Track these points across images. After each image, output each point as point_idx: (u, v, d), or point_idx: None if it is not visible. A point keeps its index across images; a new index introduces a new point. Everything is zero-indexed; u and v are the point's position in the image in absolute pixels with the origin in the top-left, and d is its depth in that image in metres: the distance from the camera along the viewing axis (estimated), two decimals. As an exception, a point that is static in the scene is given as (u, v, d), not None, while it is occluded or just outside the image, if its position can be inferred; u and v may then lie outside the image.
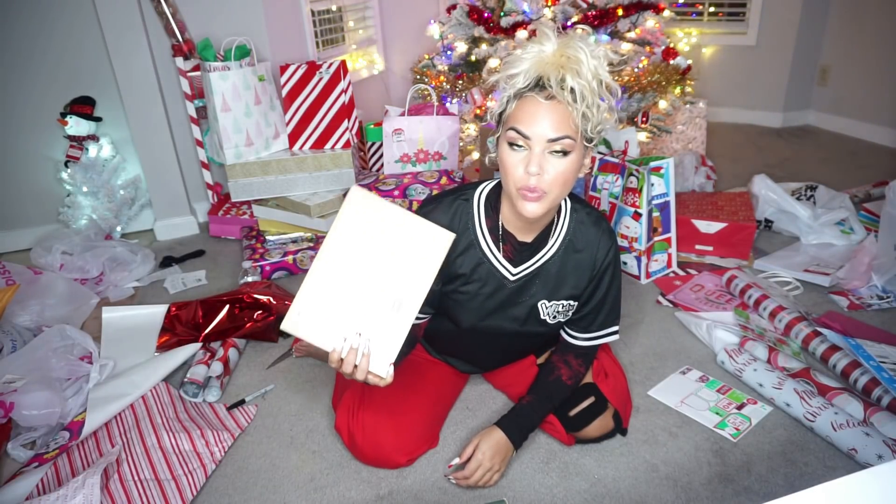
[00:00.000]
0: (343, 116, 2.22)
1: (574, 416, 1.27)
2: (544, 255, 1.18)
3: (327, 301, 1.01)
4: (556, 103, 0.98)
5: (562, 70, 0.97)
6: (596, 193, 2.01)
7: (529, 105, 0.99)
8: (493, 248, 1.17)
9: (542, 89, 0.99)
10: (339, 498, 1.23)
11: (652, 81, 2.37)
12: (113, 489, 1.22)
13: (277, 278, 2.12)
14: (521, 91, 1.00)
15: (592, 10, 2.37)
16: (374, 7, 3.32)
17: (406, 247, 1.01)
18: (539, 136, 0.99)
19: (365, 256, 1.01)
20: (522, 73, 0.99)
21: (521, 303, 1.21)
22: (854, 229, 2.07)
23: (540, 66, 0.98)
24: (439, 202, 1.18)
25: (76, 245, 2.16)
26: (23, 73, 2.29)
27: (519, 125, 1.00)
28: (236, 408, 1.50)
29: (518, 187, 1.03)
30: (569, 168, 1.02)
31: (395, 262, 1.01)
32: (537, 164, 1.00)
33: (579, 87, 0.97)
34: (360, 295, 1.01)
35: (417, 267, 1.01)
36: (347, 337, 1.01)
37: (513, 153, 1.02)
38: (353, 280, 1.01)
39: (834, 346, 1.50)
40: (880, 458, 1.18)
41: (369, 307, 1.01)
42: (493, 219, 1.17)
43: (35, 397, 1.41)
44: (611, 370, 1.34)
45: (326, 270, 1.01)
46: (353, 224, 1.01)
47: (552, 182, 1.02)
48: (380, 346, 1.02)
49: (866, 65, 3.29)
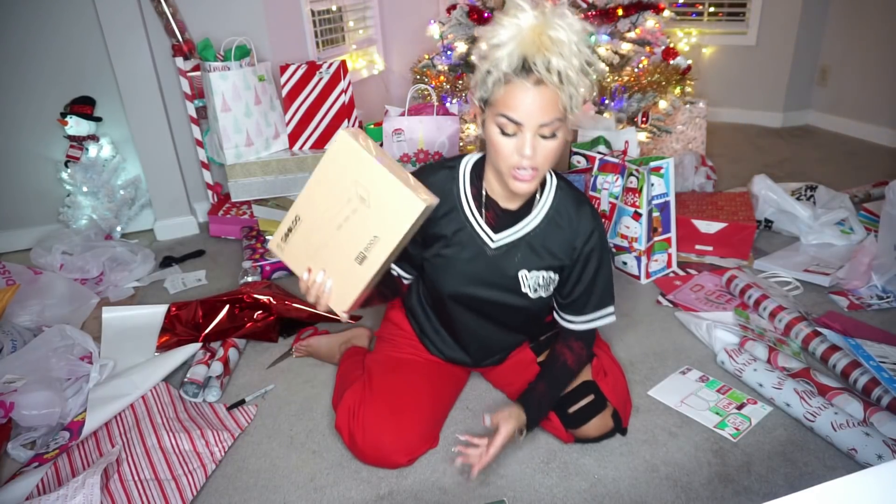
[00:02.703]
0: (343, 116, 2.22)
1: (573, 413, 1.27)
2: (527, 225, 1.21)
3: (303, 233, 1.07)
4: (544, 87, 1.00)
5: (546, 53, 0.97)
6: (596, 193, 2.01)
7: (518, 91, 1.00)
8: (475, 213, 1.20)
9: (529, 73, 0.99)
10: (339, 498, 1.23)
11: (652, 81, 2.37)
12: (113, 489, 1.22)
13: (277, 278, 2.12)
14: (507, 76, 1.01)
15: (592, 10, 2.37)
16: (374, 7, 3.32)
17: (377, 204, 1.01)
18: (530, 121, 1.01)
19: (339, 201, 1.03)
20: (506, 55, 0.99)
21: (502, 271, 1.22)
22: (854, 229, 2.08)
23: (523, 46, 0.98)
24: (426, 168, 1.23)
25: (76, 245, 2.16)
26: (23, 74, 2.29)
27: (510, 112, 1.01)
28: (236, 408, 1.50)
29: (511, 167, 1.06)
30: (558, 146, 1.06)
31: (365, 215, 1.02)
32: (531, 147, 1.03)
33: (564, 69, 0.98)
34: (330, 236, 1.05)
35: (385, 227, 1.02)
36: (313, 271, 1.08)
37: (504, 138, 1.05)
38: (326, 220, 1.05)
39: (834, 346, 1.50)
40: (880, 458, 1.18)
41: (336, 251, 1.06)
42: (477, 186, 1.20)
43: (35, 397, 1.42)
44: (610, 369, 1.34)
45: (305, 205, 1.06)
46: (334, 167, 1.02)
47: (543, 161, 1.06)
48: (339, 290, 1.08)
49: (866, 65, 3.29)
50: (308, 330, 1.78)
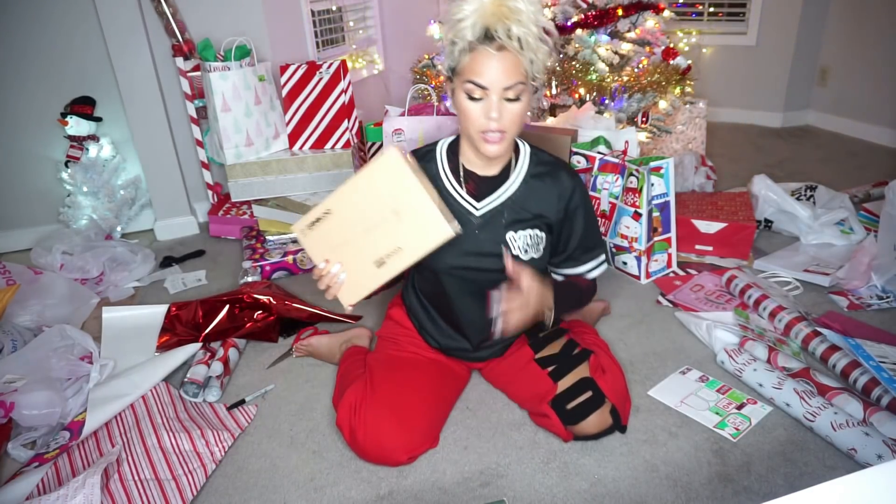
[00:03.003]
0: (343, 116, 2.22)
1: (571, 409, 1.27)
2: (507, 189, 1.27)
3: (331, 226, 1.14)
4: (507, 53, 1.08)
5: (506, 21, 1.06)
6: (596, 193, 2.01)
7: (482, 57, 1.09)
8: (455, 186, 1.28)
9: (491, 41, 1.08)
10: (339, 498, 1.23)
11: (652, 81, 2.37)
12: (113, 489, 1.23)
13: (277, 278, 2.12)
14: (471, 44, 1.09)
15: (592, 10, 2.37)
16: (374, 7, 3.32)
17: (409, 221, 1.10)
18: (496, 85, 1.10)
19: (373, 208, 1.11)
20: (469, 25, 1.08)
21: (491, 238, 1.27)
22: (854, 229, 2.08)
23: (485, 17, 1.07)
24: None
25: (76, 245, 2.16)
26: (23, 73, 2.29)
27: (475, 77, 1.10)
28: (236, 408, 1.50)
29: (480, 132, 1.14)
30: (523, 109, 1.15)
31: (394, 227, 1.11)
32: (497, 109, 1.11)
33: (524, 35, 1.07)
34: (356, 236, 1.13)
35: (410, 242, 1.12)
36: (331, 262, 1.16)
37: (472, 103, 1.13)
38: (356, 221, 1.12)
39: (834, 346, 1.50)
40: (880, 458, 1.18)
41: (358, 251, 1.14)
42: (454, 161, 1.29)
43: (35, 397, 1.42)
44: (608, 367, 1.35)
45: (339, 202, 1.12)
46: (378, 176, 1.10)
47: (510, 123, 1.14)
48: (351, 285, 1.17)
49: (866, 65, 3.29)
50: (308, 330, 1.78)
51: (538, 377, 1.34)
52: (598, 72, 2.30)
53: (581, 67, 2.33)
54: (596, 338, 1.54)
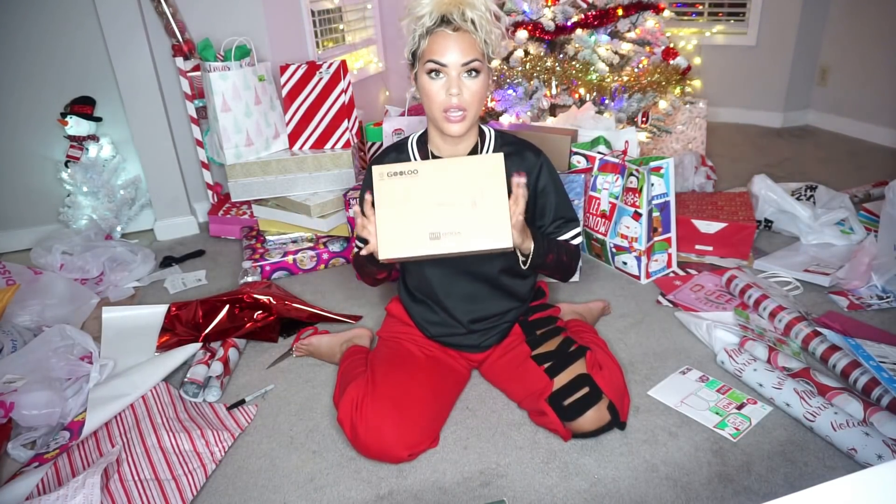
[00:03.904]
0: (343, 116, 2.22)
1: (568, 405, 1.27)
2: None
3: (411, 184, 1.16)
4: (463, 33, 1.18)
5: (461, 6, 1.17)
6: (596, 193, 2.01)
7: (441, 38, 1.18)
8: None
9: (448, 24, 1.17)
10: (339, 498, 1.23)
11: (652, 81, 2.37)
12: (113, 489, 1.23)
13: (277, 278, 2.12)
14: (430, 28, 1.18)
15: (592, 10, 2.37)
16: (374, 7, 3.32)
17: (481, 216, 1.15)
18: (454, 62, 1.18)
19: (456, 189, 1.16)
20: (427, 14, 1.17)
21: None
22: (854, 229, 2.07)
23: (440, 6, 1.17)
24: (378, 156, 1.40)
25: (76, 245, 2.16)
26: (23, 73, 2.29)
27: (435, 56, 1.19)
28: (236, 408, 1.50)
29: (443, 109, 1.21)
30: (482, 86, 1.22)
31: (464, 213, 1.15)
32: (456, 85, 1.19)
33: (478, 17, 1.18)
34: (426, 202, 1.16)
35: (471, 233, 1.15)
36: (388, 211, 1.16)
37: (433, 81, 1.21)
38: (435, 191, 1.16)
39: (834, 346, 1.50)
40: (880, 458, 1.18)
41: (420, 214, 1.16)
42: (423, 150, 1.37)
43: (35, 397, 1.42)
44: (605, 363, 1.35)
45: (430, 170, 1.17)
46: (475, 167, 1.16)
47: (470, 100, 1.21)
48: (396, 240, 1.16)
49: (866, 65, 3.29)
50: (308, 330, 1.78)
51: (535, 374, 1.34)
52: (598, 72, 2.30)
53: (581, 67, 2.33)
54: (594, 336, 1.54)
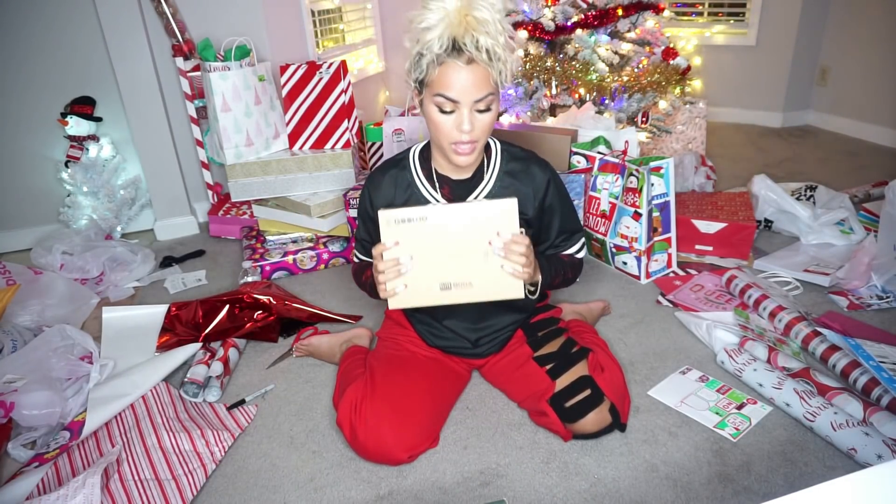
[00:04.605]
0: (343, 116, 2.22)
1: (569, 407, 1.27)
2: (483, 190, 1.29)
3: (421, 232, 1.12)
4: (476, 65, 1.08)
5: (474, 32, 1.05)
6: (596, 193, 2.01)
7: (451, 71, 1.08)
8: (431, 192, 1.30)
9: (460, 53, 1.06)
10: (339, 498, 1.23)
11: (652, 81, 2.37)
12: (113, 489, 1.23)
13: (277, 278, 2.12)
14: (440, 57, 1.07)
15: (592, 10, 2.37)
16: (374, 7, 3.32)
17: (494, 266, 1.13)
18: (466, 98, 1.10)
19: (469, 239, 1.12)
20: (436, 37, 1.05)
21: None
22: (854, 229, 2.08)
23: (452, 28, 1.05)
24: (377, 170, 1.33)
25: (76, 245, 2.16)
26: (23, 73, 2.29)
27: (446, 91, 1.10)
28: (236, 408, 1.50)
29: (451, 143, 1.15)
30: (493, 118, 1.15)
31: (477, 264, 1.13)
32: (469, 122, 1.11)
33: (492, 46, 1.06)
34: (436, 254, 1.13)
35: (482, 283, 1.15)
36: (401, 258, 1.13)
37: (443, 115, 1.13)
38: (447, 241, 1.12)
39: (834, 346, 1.50)
40: (880, 458, 1.18)
41: (430, 266, 1.14)
42: (427, 167, 1.30)
43: (35, 397, 1.42)
44: (607, 365, 1.35)
45: (441, 216, 1.11)
46: (489, 217, 1.12)
47: (481, 133, 1.15)
48: (406, 292, 1.15)
49: (866, 65, 3.29)
50: (308, 330, 1.78)
51: (536, 375, 1.34)
52: (598, 72, 2.30)
53: (581, 67, 2.33)
54: (595, 337, 1.54)
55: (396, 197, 1.31)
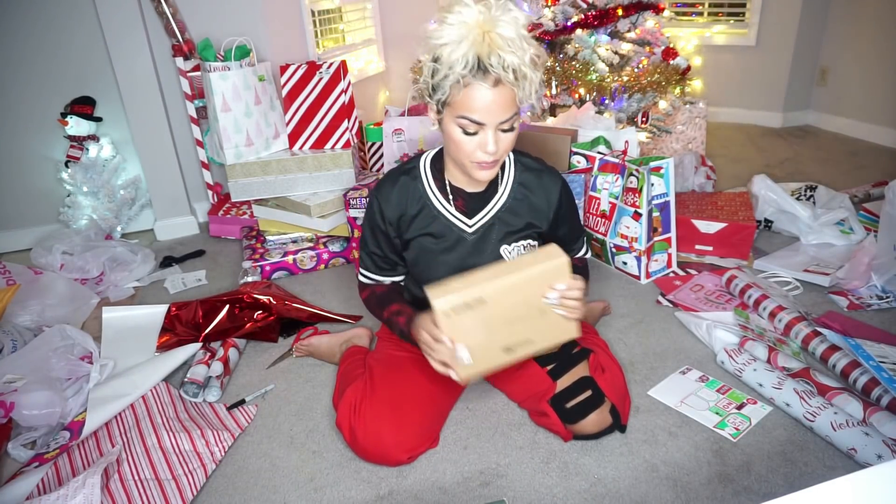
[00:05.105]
0: (343, 116, 2.22)
1: (571, 407, 1.27)
2: (496, 202, 1.27)
3: (480, 317, 1.08)
4: (502, 87, 1.04)
5: (500, 52, 1.00)
6: (596, 193, 2.01)
7: (477, 93, 1.03)
8: (445, 204, 1.27)
9: (486, 73, 1.02)
10: (339, 498, 1.23)
11: (652, 81, 2.37)
12: (113, 489, 1.23)
13: (277, 278, 2.12)
14: (465, 78, 1.02)
15: (592, 10, 2.37)
16: (374, 7, 3.32)
17: (549, 319, 1.12)
18: (492, 121, 1.07)
19: (526, 304, 1.10)
20: (460, 57, 1.01)
21: (485, 253, 1.28)
22: (854, 229, 2.08)
23: (476, 47, 1.00)
24: (386, 179, 1.28)
25: (76, 245, 2.16)
26: (23, 73, 2.29)
27: (471, 114, 1.06)
28: (236, 408, 1.50)
29: (474, 161, 1.12)
30: (516, 135, 1.13)
31: (534, 322, 1.12)
32: (494, 143, 1.08)
33: (518, 65, 1.02)
34: (496, 328, 1.11)
35: (541, 336, 1.15)
36: (455, 342, 1.09)
37: (466, 136, 1.09)
38: (503, 316, 1.09)
39: (834, 346, 1.50)
40: (880, 458, 1.18)
41: (492, 338, 1.12)
42: (440, 179, 1.26)
43: (35, 397, 1.42)
44: (608, 366, 1.35)
45: (494, 296, 1.07)
46: (541, 281, 1.09)
47: (504, 151, 1.13)
48: (473, 364, 1.13)
49: (866, 65, 3.29)
50: (308, 330, 1.78)
51: (537, 375, 1.34)
52: (598, 72, 2.30)
53: (581, 67, 2.33)
54: (595, 337, 1.54)
55: (408, 208, 1.27)
